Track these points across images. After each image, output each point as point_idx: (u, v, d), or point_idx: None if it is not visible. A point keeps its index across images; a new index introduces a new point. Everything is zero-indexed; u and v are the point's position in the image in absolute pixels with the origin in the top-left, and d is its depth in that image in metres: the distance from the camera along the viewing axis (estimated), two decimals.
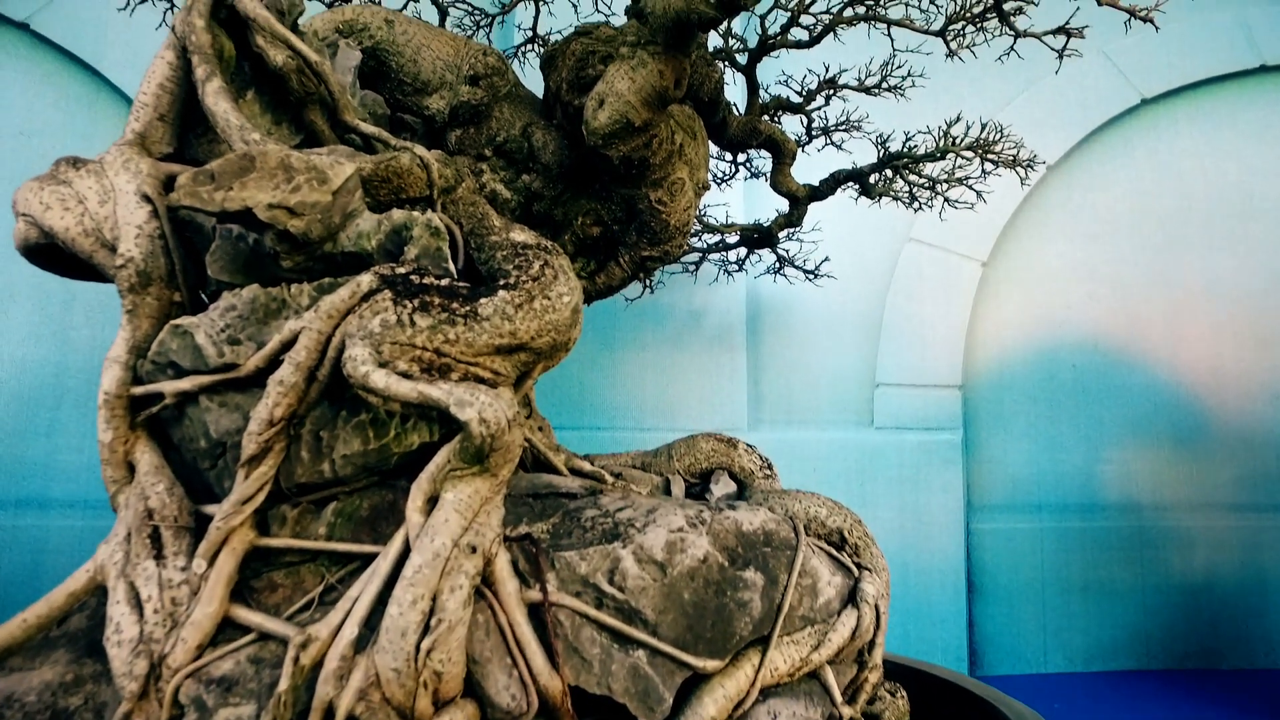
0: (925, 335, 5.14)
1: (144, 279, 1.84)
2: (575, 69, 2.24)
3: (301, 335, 1.64)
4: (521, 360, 1.70)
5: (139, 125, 1.99)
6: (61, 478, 4.54)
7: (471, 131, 2.32)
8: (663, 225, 2.29)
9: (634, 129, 2.02)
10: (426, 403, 1.53)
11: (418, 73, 2.31)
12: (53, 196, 1.95)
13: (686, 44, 1.94)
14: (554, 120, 2.37)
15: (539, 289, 1.69)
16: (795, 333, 5.08)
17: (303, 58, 1.94)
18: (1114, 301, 5.35)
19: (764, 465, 2.42)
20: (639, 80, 1.95)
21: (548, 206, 2.34)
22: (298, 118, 2.03)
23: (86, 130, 4.83)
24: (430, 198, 1.96)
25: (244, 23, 2.01)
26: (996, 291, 5.32)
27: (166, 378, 1.78)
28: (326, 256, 1.78)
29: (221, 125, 1.83)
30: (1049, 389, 5.25)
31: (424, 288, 1.65)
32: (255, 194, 1.58)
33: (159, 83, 1.99)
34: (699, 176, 2.35)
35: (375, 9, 2.34)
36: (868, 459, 4.99)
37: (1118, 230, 5.42)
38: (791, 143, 3.20)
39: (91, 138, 4.81)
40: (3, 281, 4.59)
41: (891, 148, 3.38)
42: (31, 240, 2.00)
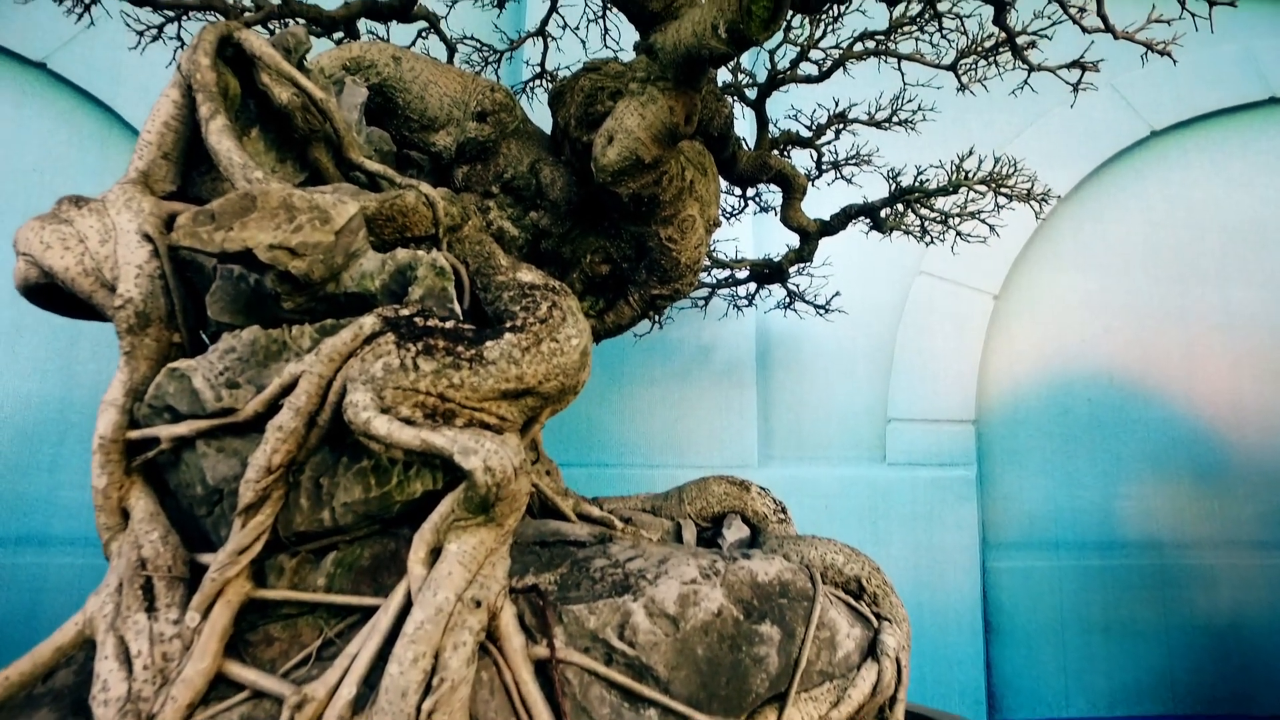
0: (937, 369, 5.07)
1: (142, 320, 1.80)
2: (584, 105, 2.22)
3: (301, 379, 1.59)
4: (529, 405, 1.64)
5: (142, 164, 1.97)
6: (63, 514, 4.49)
7: (479, 168, 2.29)
8: (673, 263, 2.24)
9: (644, 166, 1.98)
10: (430, 451, 1.47)
11: (425, 109, 2.29)
12: (53, 235, 1.91)
13: (697, 80, 1.91)
14: (562, 156, 2.34)
15: (547, 331, 1.64)
16: (806, 367, 5.01)
17: (308, 95, 1.91)
18: (1129, 334, 5.27)
19: (778, 509, 2.34)
20: (649, 116, 1.92)
21: (556, 244, 2.30)
22: (302, 155, 2.00)
23: (98, 167, 4.86)
24: (436, 236, 1.92)
25: (250, 60, 1.99)
26: (1009, 325, 5.25)
27: (163, 421, 1.73)
28: (329, 297, 1.73)
29: (224, 164, 1.79)
30: (1064, 423, 5.16)
31: (428, 330, 1.60)
32: (256, 234, 1.54)
33: (163, 121, 1.97)
34: (710, 213, 2.31)
35: (383, 46, 2.32)
36: (880, 495, 4.89)
37: (1131, 262, 5.37)
38: (802, 177, 3.17)
39: (103, 174, 4.83)
40: (9, 316, 4.58)
41: (903, 182, 3.34)
42: (31, 280, 1.96)
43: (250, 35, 1.97)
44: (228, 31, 1.96)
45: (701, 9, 1.77)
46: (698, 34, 1.76)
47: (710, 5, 1.75)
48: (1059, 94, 3.44)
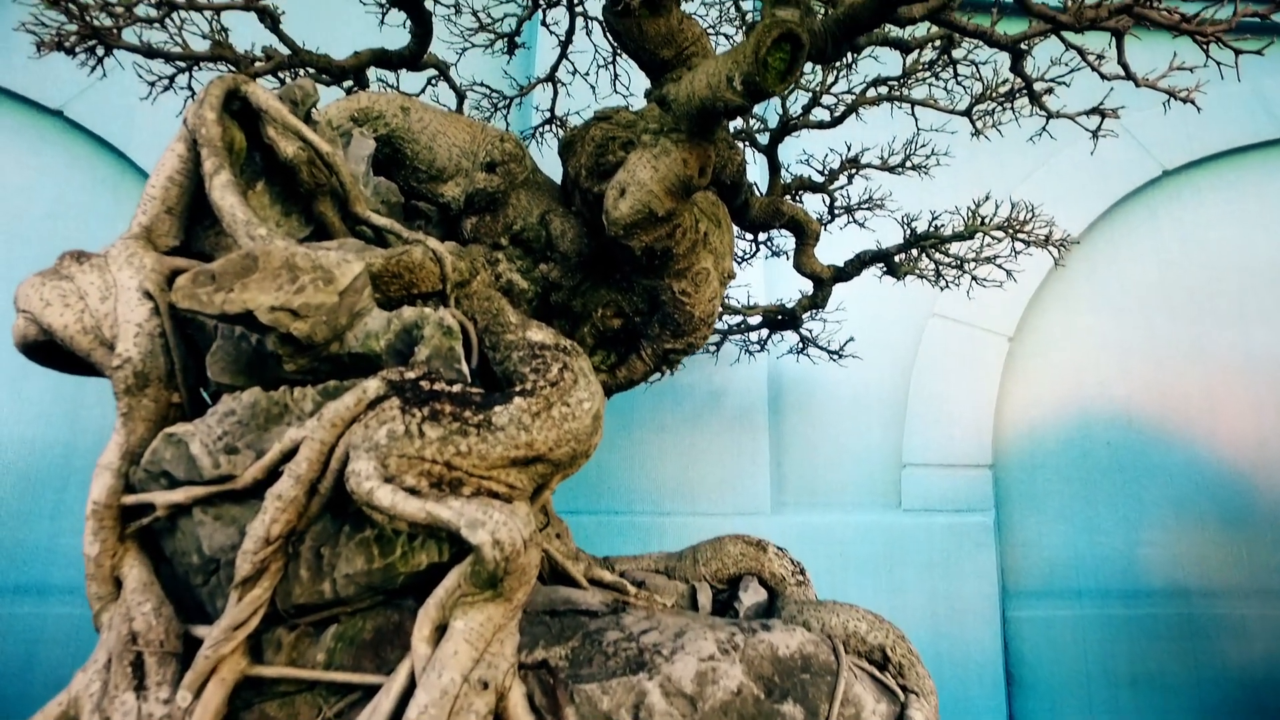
0: (952, 413, 4.97)
1: (141, 380, 1.74)
2: (595, 155, 2.18)
3: (303, 446, 1.52)
4: (539, 472, 1.57)
5: (146, 219, 1.93)
6: (63, 562, 4.41)
7: (488, 219, 2.24)
8: (687, 317, 2.18)
9: (657, 219, 1.93)
10: (435, 524, 1.40)
11: (433, 160, 2.25)
12: (53, 292, 1.87)
13: (711, 131, 1.87)
14: (573, 207, 2.30)
15: (558, 395, 1.57)
16: (818, 412, 4.92)
17: (314, 149, 1.88)
18: (1147, 376, 5.18)
19: (796, 570, 2.25)
20: (662, 169, 1.87)
21: (566, 297, 2.24)
22: (308, 209, 1.96)
23: (110, 212, 4.88)
24: (443, 292, 1.86)
25: (256, 113, 1.96)
26: (1024, 367, 5.16)
27: (159, 487, 1.66)
28: (333, 357, 1.68)
29: (227, 220, 1.75)
30: (1083, 468, 5.04)
31: (434, 394, 1.53)
32: (257, 296, 1.49)
33: (168, 175, 1.93)
34: (724, 265, 2.25)
35: (391, 96, 2.29)
36: (896, 542, 4.76)
37: (1147, 303, 5.29)
38: (815, 223, 3.13)
39: (115, 219, 4.85)
40: (15, 361, 4.54)
41: (917, 227, 3.29)
42: (30, 338, 1.91)
43: (256, 89, 1.94)
44: (234, 85, 1.93)
45: (716, 61, 1.74)
46: (712, 86, 1.72)
47: (725, 57, 1.72)
48: (1070, 134, 3.40)
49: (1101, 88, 2.57)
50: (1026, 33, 2.14)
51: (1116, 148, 5.33)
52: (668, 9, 2.43)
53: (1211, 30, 1.75)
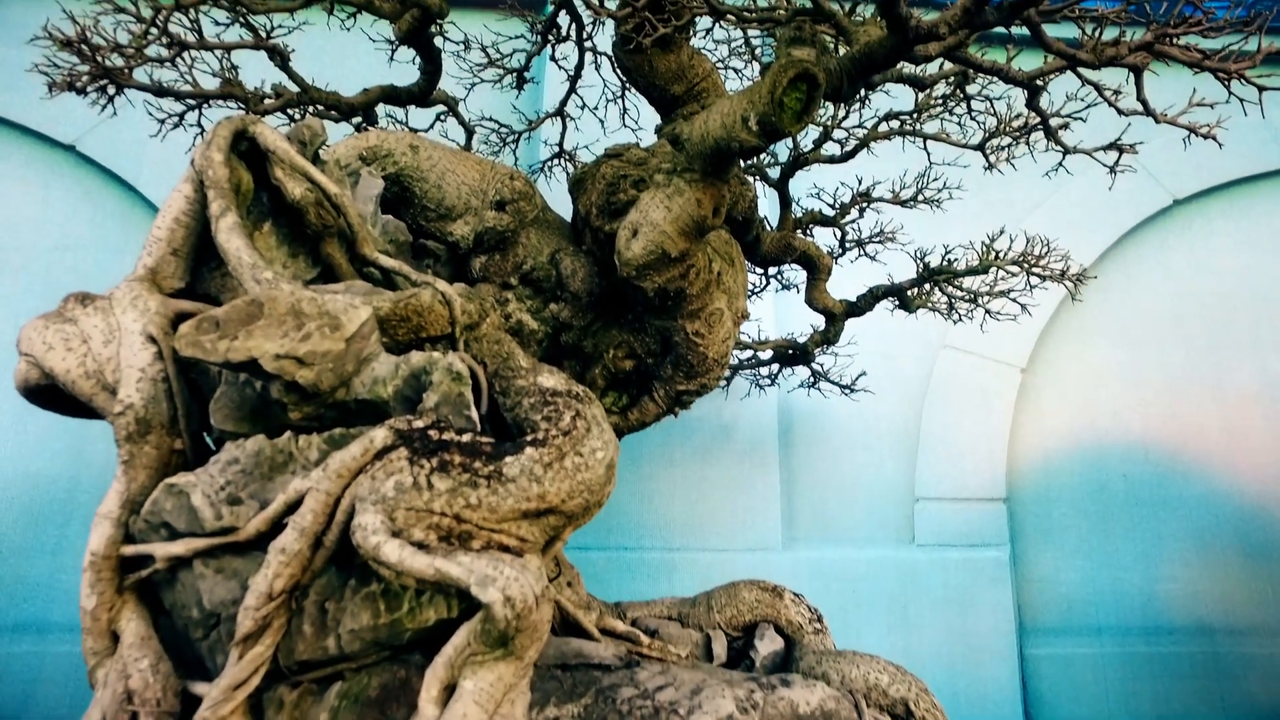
0: (965, 446, 4.90)
1: (143, 427, 1.70)
2: (606, 193, 2.15)
3: (308, 497, 1.48)
4: (551, 524, 1.52)
5: (151, 260, 1.90)
6: (63, 599, 4.35)
7: (497, 258, 2.21)
8: (700, 358, 2.14)
9: (670, 260, 1.89)
10: (445, 582, 1.34)
11: (442, 198, 2.23)
12: (56, 336, 1.84)
13: (725, 171, 1.84)
14: (583, 246, 2.27)
15: (570, 445, 1.52)
16: (829, 446, 4.85)
17: (322, 190, 1.85)
18: (1163, 406, 5.10)
19: (813, 618, 2.18)
20: (675, 209, 1.84)
21: (577, 337, 2.20)
22: (316, 250, 1.93)
23: (119, 244, 4.89)
24: (452, 335, 1.83)
25: (264, 153, 1.94)
26: (1038, 399, 5.09)
27: (160, 538, 1.62)
28: (339, 404, 1.64)
29: (233, 263, 1.72)
30: (1100, 500, 4.95)
31: (443, 444, 1.49)
32: (262, 343, 1.45)
33: (174, 216, 1.91)
34: (737, 305, 2.21)
35: (399, 135, 2.28)
36: (909, 578, 4.67)
37: (1160, 332, 5.23)
38: (826, 258, 3.09)
39: (123, 251, 4.85)
40: (12, 403, 4.53)
41: (930, 261, 3.25)
42: (32, 381, 1.88)
43: (265, 129, 1.92)
44: (242, 126, 1.92)
45: (730, 100, 1.71)
46: (727, 126, 1.69)
47: (740, 97, 1.69)
48: (1080, 164, 3.37)
49: (1117, 120, 2.55)
50: (1042, 69, 2.11)
51: (1127, 177, 5.28)
52: (678, 45, 2.42)
53: (1235, 68, 1.72)
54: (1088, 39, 2.01)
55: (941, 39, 1.70)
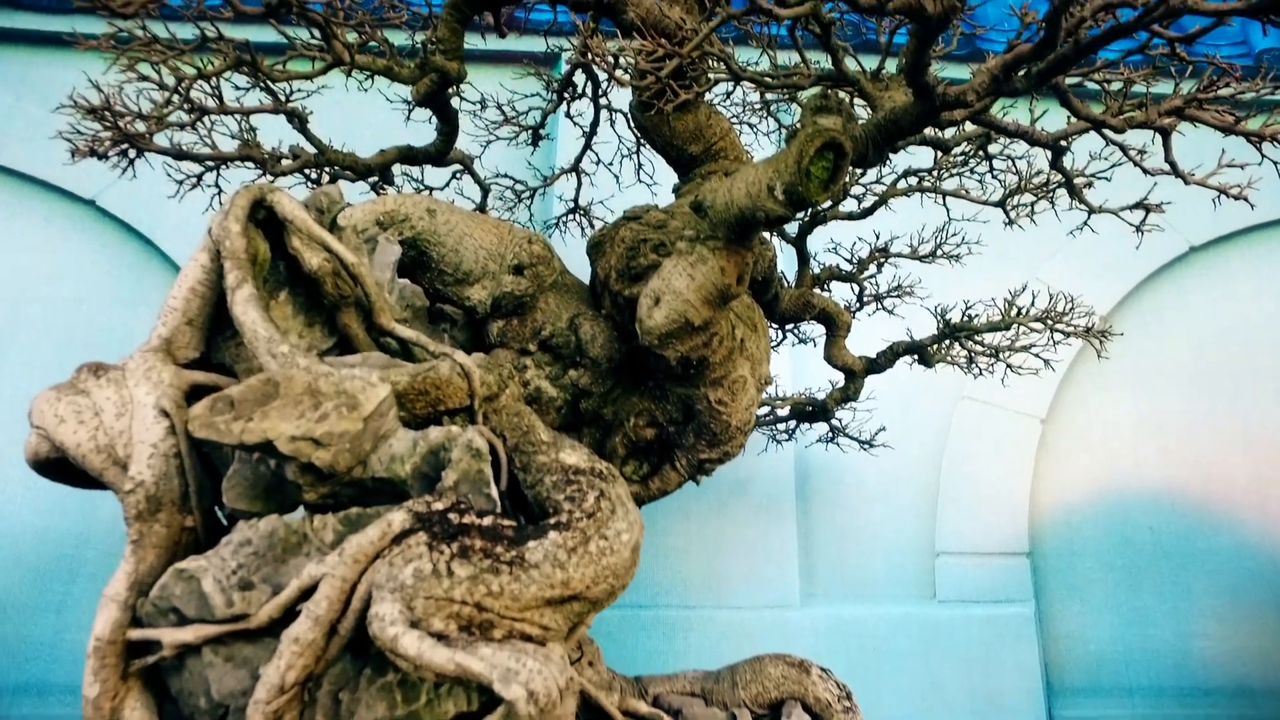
0: (986, 499, 4.79)
1: (153, 505, 1.65)
2: (626, 257, 2.12)
3: (322, 583, 1.42)
4: (574, 611, 1.45)
5: (165, 331, 1.87)
6: (66, 660, 4.26)
7: (515, 323, 2.18)
8: (723, 426, 2.09)
9: (693, 329, 1.86)
10: (466, 676, 1.28)
11: (459, 263, 2.20)
12: (68, 409, 1.80)
13: (749, 238, 1.81)
14: (602, 310, 2.23)
15: (595, 527, 1.47)
16: (847, 499, 4.76)
17: (339, 259, 1.83)
18: (1187, 456, 4.99)
19: (842, 695, 2.09)
20: (698, 278, 1.81)
21: (597, 404, 2.16)
22: (332, 320, 1.91)
23: (134, 297, 4.90)
24: (471, 408, 1.78)
25: (281, 222, 1.92)
26: (1058, 449, 5.00)
27: (168, 623, 1.56)
28: (355, 482, 1.59)
29: (248, 336, 1.69)
30: (1126, 554, 4.82)
31: (464, 528, 1.43)
32: (277, 424, 1.41)
33: (190, 286, 1.89)
34: (760, 372, 2.17)
35: (417, 199, 2.26)
36: (932, 635, 4.53)
37: (1182, 381, 5.15)
38: (846, 315, 3.05)
39: (138, 304, 4.87)
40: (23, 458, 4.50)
41: (950, 317, 3.21)
42: (42, 455, 1.84)
43: (282, 198, 1.90)
44: (260, 195, 1.90)
45: (755, 169, 1.69)
46: (752, 195, 1.67)
47: (765, 166, 1.67)
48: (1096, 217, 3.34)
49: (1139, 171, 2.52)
50: (1067, 130, 2.09)
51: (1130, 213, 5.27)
52: (695, 105, 2.41)
53: (1269, 132, 1.69)
54: (1112, 102, 1.99)
55: (969, 106, 1.68)
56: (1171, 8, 1.41)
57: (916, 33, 1.52)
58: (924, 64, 1.59)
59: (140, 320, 4.84)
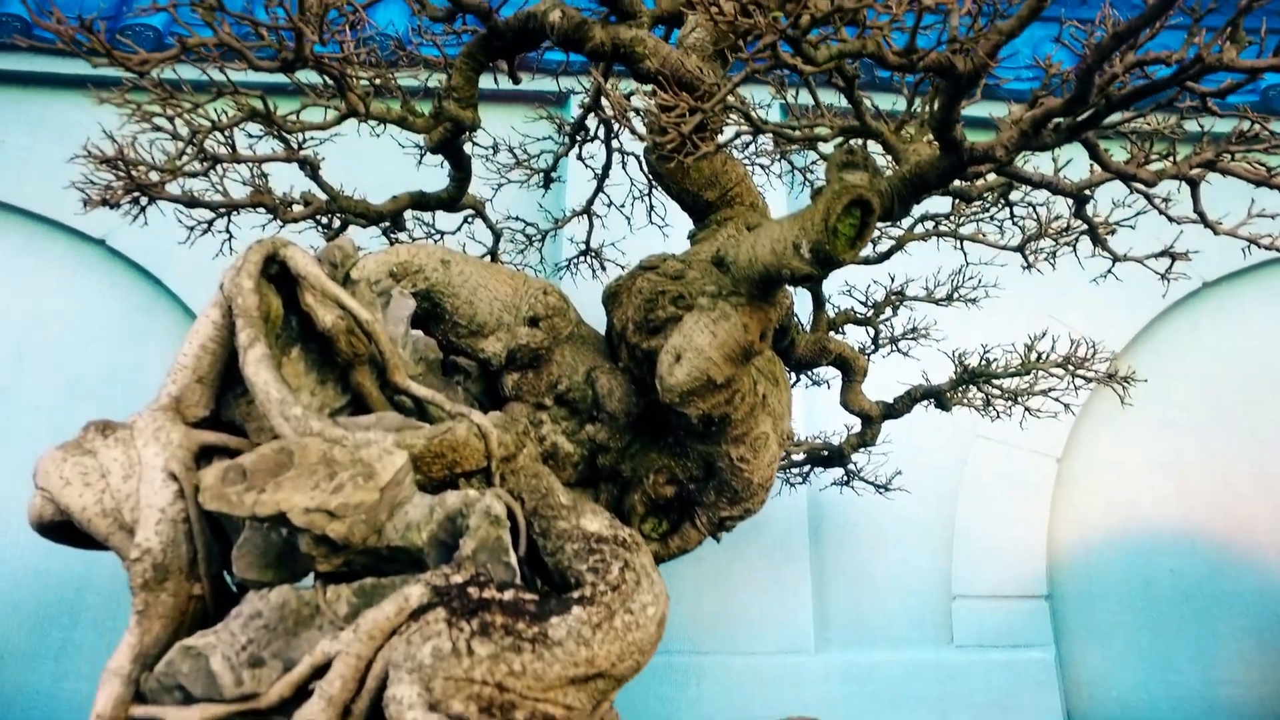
0: (1002, 540, 4.70)
1: (160, 573, 1.60)
2: (644, 309, 2.08)
3: (337, 661, 1.36)
4: (599, 689, 1.39)
5: (175, 389, 1.83)
6: (65, 709, 4.17)
7: (530, 376, 2.14)
8: (745, 484, 2.03)
9: (715, 386, 1.81)
10: None
11: (474, 314, 2.16)
12: (74, 470, 1.76)
13: (772, 295, 1.77)
14: (619, 362, 2.19)
15: (619, 601, 1.41)
16: (862, 541, 4.67)
17: (353, 316, 1.79)
18: (1207, 496, 4.90)
19: None
20: (721, 334, 1.76)
21: (614, 460, 2.10)
22: (345, 377, 1.86)
23: (141, 336, 4.88)
24: (488, 469, 1.73)
25: (294, 277, 1.89)
26: (1075, 489, 4.91)
27: (173, 700, 1.49)
28: (370, 550, 1.53)
29: (261, 397, 1.65)
30: (1147, 597, 4.71)
31: (484, 603, 1.37)
32: (291, 496, 1.36)
33: (201, 343, 1.85)
34: (782, 427, 2.12)
35: (431, 249, 2.23)
36: (949, 682, 4.42)
37: (1199, 418, 5.08)
38: (863, 359, 3.01)
39: (144, 344, 4.84)
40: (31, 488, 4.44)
41: (968, 362, 3.16)
42: (46, 518, 1.79)
43: (296, 253, 1.87)
44: (273, 250, 1.87)
45: (781, 226, 1.65)
46: (777, 253, 1.63)
47: (791, 223, 1.63)
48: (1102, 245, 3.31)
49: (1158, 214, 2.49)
50: (1091, 180, 2.06)
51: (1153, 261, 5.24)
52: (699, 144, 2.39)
53: None
54: (1137, 151, 1.96)
55: (997, 161, 1.64)
56: (1207, 65, 1.38)
57: (945, 89, 1.50)
58: (952, 120, 1.56)
59: (148, 360, 4.81)
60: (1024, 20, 1.36)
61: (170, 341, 4.88)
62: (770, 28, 1.26)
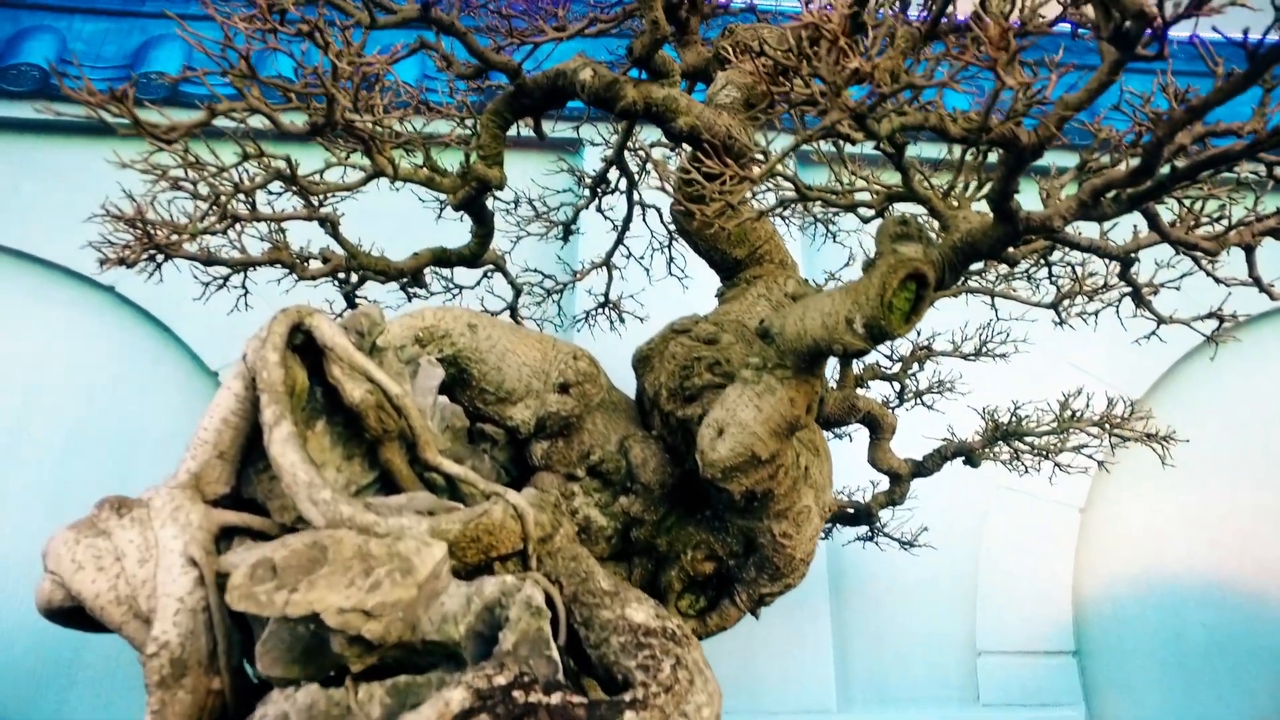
0: (1027, 593, 4.58)
1: (178, 669, 1.51)
2: (679, 376, 2.01)
3: None
4: None
5: (195, 465, 1.75)
6: None
7: (560, 445, 2.06)
8: (787, 560, 1.95)
9: (760, 462, 1.73)
10: None
11: (501, 381, 2.09)
12: (87, 553, 1.67)
13: (819, 368, 1.70)
14: (652, 429, 2.11)
15: (673, 704, 1.32)
16: (883, 595, 4.55)
17: (383, 391, 1.72)
18: (1237, 545, 4.78)
19: None
20: (766, 409, 1.69)
21: (649, 533, 2.02)
22: (373, 452, 1.79)
23: (147, 384, 4.80)
24: (524, 551, 1.65)
25: (319, 349, 1.82)
26: (1100, 540, 4.80)
27: None
28: (404, 644, 1.44)
29: (288, 479, 1.57)
30: (1179, 653, 4.57)
31: (530, 708, 1.28)
32: (325, 596, 1.27)
33: (222, 417, 1.77)
34: (824, 499, 2.04)
35: (457, 313, 2.17)
36: None
37: (1223, 465, 4.98)
38: (891, 417, 2.93)
39: (150, 393, 4.76)
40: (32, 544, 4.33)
41: (999, 418, 3.08)
42: (55, 603, 1.70)
43: (322, 323, 1.81)
44: (299, 319, 1.80)
45: (832, 299, 1.59)
46: (829, 327, 1.56)
47: (844, 297, 1.57)
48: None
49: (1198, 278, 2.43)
50: (1139, 243, 2.00)
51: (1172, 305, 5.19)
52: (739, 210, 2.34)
53: None
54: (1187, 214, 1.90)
55: (1054, 233, 1.59)
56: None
57: (1007, 161, 1.44)
58: (1011, 191, 1.50)
59: (154, 409, 4.73)
60: (1093, 94, 1.31)
61: (179, 391, 4.80)
62: (836, 105, 1.21)
